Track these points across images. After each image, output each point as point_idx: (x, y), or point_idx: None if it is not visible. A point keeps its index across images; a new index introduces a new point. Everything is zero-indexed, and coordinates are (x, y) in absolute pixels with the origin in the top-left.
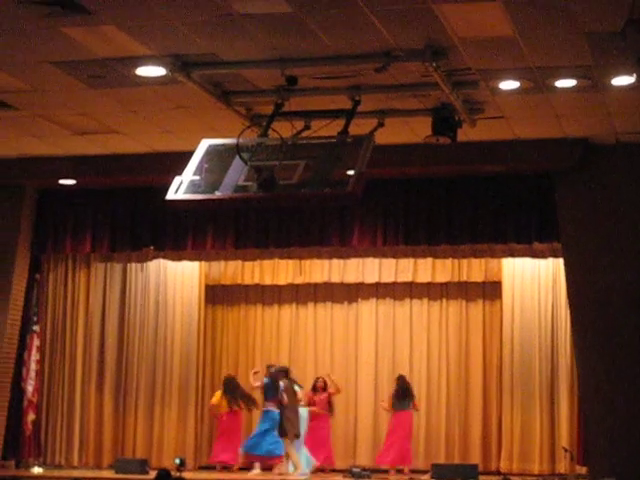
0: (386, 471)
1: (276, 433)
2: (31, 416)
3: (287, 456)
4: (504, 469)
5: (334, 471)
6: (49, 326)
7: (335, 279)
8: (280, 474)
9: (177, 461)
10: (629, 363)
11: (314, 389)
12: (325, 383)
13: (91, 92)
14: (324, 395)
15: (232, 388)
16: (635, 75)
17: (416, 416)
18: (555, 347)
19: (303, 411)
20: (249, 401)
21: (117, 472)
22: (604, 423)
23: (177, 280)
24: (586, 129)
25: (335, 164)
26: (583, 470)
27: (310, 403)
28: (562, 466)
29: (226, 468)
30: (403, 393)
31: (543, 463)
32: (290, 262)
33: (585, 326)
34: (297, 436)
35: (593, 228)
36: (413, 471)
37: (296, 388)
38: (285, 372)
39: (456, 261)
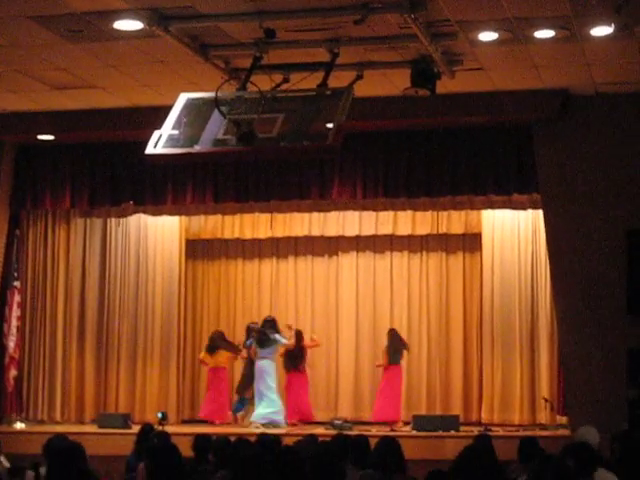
0: (369, 423)
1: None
2: (13, 372)
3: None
4: (485, 420)
5: (316, 423)
6: (29, 282)
7: (315, 232)
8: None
9: (159, 415)
10: (608, 313)
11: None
12: (301, 334)
13: (69, 47)
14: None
15: (214, 343)
16: (613, 25)
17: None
18: (535, 298)
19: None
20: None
21: (100, 427)
22: (583, 373)
23: (157, 235)
24: (565, 80)
25: (314, 117)
26: (563, 420)
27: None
28: (543, 416)
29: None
30: (395, 347)
31: (524, 413)
32: (270, 216)
33: (564, 276)
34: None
35: (572, 179)
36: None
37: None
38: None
39: (436, 213)
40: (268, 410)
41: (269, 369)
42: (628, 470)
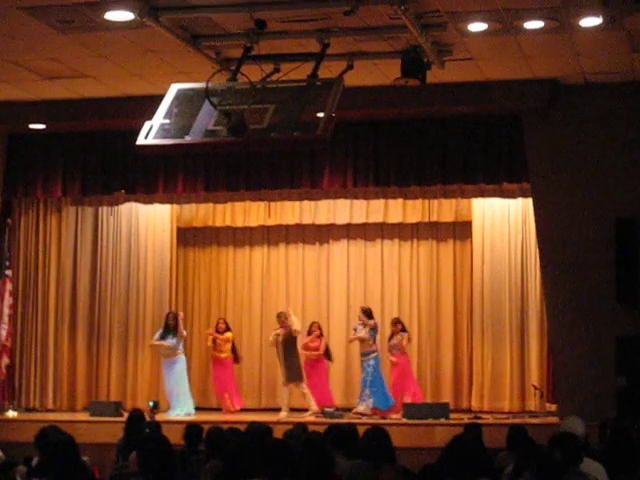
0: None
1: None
2: (5, 360)
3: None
4: (475, 407)
5: (306, 410)
6: (21, 270)
7: (306, 220)
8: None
9: (151, 404)
10: (597, 301)
11: (309, 333)
12: (320, 328)
13: (60, 37)
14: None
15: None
16: (602, 16)
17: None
18: (525, 287)
19: None
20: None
21: (92, 415)
22: (572, 361)
23: (149, 223)
24: (555, 70)
25: (305, 107)
26: (553, 407)
27: (304, 348)
28: (532, 404)
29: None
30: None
31: (513, 401)
32: (261, 204)
33: (554, 265)
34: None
35: (561, 168)
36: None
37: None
38: None
39: (426, 201)
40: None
41: None
42: (616, 458)
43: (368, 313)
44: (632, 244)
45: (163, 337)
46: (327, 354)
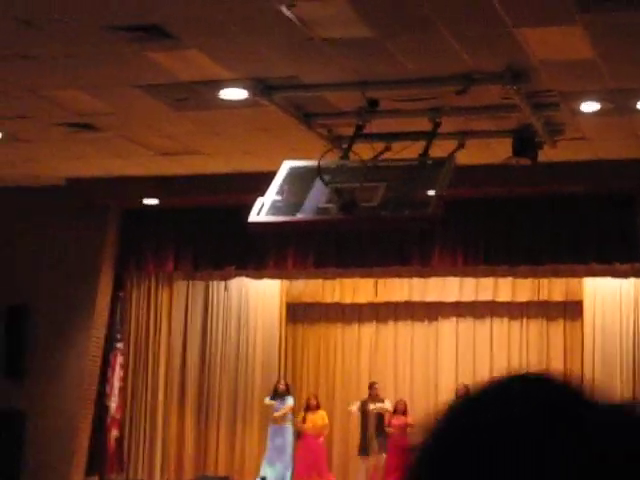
0: None
1: None
2: (114, 432)
3: None
4: None
5: None
6: (132, 343)
7: (416, 298)
8: None
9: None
10: None
11: (394, 411)
12: (406, 406)
13: (175, 114)
14: (402, 418)
15: None
16: None
17: None
18: (637, 368)
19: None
20: None
21: None
22: None
23: (258, 298)
24: None
25: (416, 186)
26: None
27: (388, 424)
28: None
29: None
30: None
31: None
32: (370, 281)
33: None
34: None
35: None
36: None
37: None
38: None
39: (537, 280)
40: None
41: None
42: None
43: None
44: None
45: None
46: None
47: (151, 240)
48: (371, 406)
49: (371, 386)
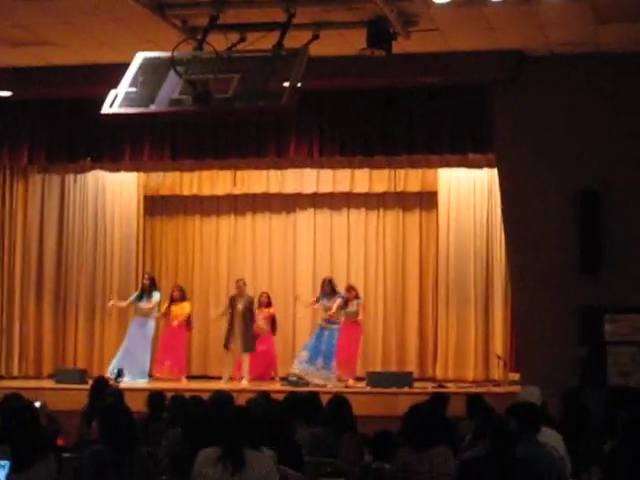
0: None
1: None
2: None
3: None
4: (439, 376)
5: (272, 379)
6: None
7: (273, 189)
8: None
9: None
10: (561, 271)
11: (259, 305)
12: (269, 298)
13: (25, 4)
14: (266, 311)
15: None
16: None
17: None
18: (490, 257)
19: None
20: None
21: (57, 382)
22: (535, 331)
23: (115, 191)
24: (520, 41)
25: (270, 77)
26: (516, 377)
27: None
28: (496, 373)
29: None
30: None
31: (477, 370)
32: (228, 173)
33: (518, 235)
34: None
35: (527, 138)
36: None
37: None
38: None
39: (393, 171)
40: None
41: None
42: (573, 427)
43: (332, 285)
44: (595, 215)
45: (139, 299)
46: (273, 326)
47: (5, 133)
48: (239, 306)
49: (237, 283)
